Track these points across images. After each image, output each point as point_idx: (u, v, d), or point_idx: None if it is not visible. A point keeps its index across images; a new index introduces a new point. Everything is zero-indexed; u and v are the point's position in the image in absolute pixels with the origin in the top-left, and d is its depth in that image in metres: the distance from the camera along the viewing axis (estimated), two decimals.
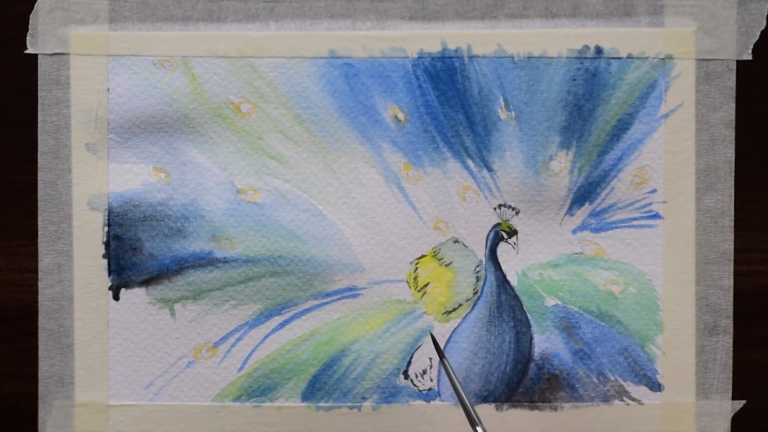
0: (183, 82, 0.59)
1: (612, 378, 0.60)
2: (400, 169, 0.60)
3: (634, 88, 0.59)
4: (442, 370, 0.60)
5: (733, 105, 0.59)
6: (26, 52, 0.59)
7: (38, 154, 0.59)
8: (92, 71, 0.59)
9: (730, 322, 0.59)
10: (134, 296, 0.60)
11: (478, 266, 0.60)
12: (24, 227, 0.60)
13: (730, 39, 0.58)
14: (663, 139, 0.59)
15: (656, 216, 0.59)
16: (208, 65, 0.59)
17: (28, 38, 0.59)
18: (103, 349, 0.60)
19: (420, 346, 0.60)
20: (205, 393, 0.60)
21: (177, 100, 0.59)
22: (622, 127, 0.59)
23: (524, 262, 0.60)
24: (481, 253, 0.60)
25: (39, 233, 0.59)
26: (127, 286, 0.60)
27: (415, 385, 0.60)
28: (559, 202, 0.59)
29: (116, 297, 0.60)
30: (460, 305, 0.60)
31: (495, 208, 0.60)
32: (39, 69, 0.59)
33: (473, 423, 0.53)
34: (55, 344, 0.60)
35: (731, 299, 0.59)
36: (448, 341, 0.60)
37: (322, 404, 0.60)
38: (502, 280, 0.60)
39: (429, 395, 0.60)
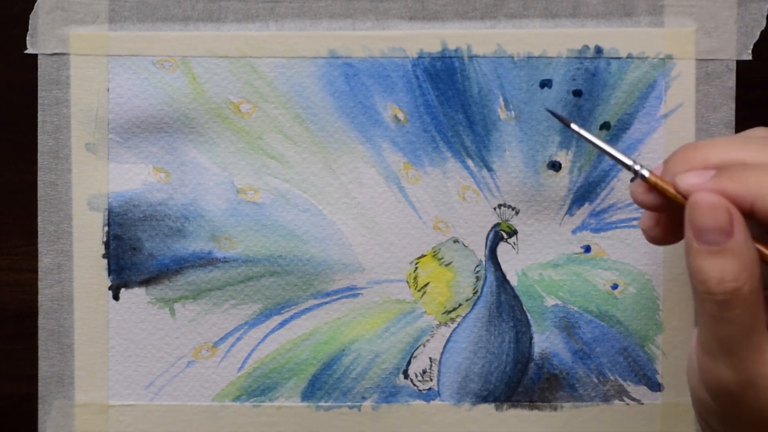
0: (183, 82, 0.59)
1: (612, 378, 0.60)
2: (400, 168, 0.60)
3: (634, 88, 0.59)
4: (442, 370, 0.60)
5: (733, 105, 0.59)
6: (26, 52, 0.59)
7: (38, 154, 0.59)
8: (92, 71, 0.59)
9: None
10: (134, 296, 0.60)
11: (477, 266, 0.60)
12: (24, 227, 0.60)
13: (730, 39, 0.58)
14: (663, 139, 0.59)
15: None
16: (208, 65, 0.59)
17: (28, 38, 0.59)
18: (103, 349, 0.60)
19: (420, 346, 0.60)
20: (205, 393, 0.60)
21: (177, 100, 0.59)
22: (622, 127, 0.59)
23: (524, 262, 0.60)
24: (481, 253, 0.60)
25: (39, 233, 0.59)
26: (127, 286, 0.60)
27: (414, 385, 0.60)
28: (559, 202, 0.60)
29: (116, 297, 0.60)
30: (459, 305, 0.60)
31: (495, 208, 0.60)
32: (39, 69, 0.59)
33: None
34: (55, 344, 0.60)
35: None
36: (447, 341, 0.60)
37: (321, 404, 0.60)
38: (502, 280, 0.60)
39: (429, 395, 0.60)
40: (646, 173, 0.47)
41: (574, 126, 0.50)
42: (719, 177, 0.45)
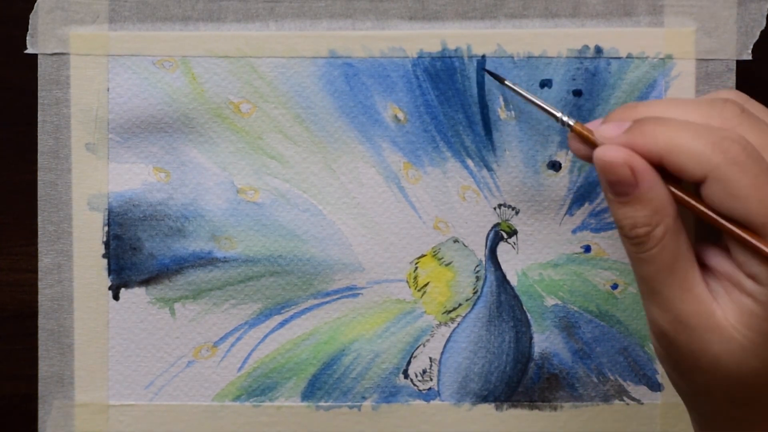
0: (183, 82, 0.59)
1: (612, 378, 0.60)
2: (400, 168, 0.60)
3: (634, 88, 0.59)
4: (442, 370, 0.60)
5: None
6: (26, 52, 0.59)
7: (38, 154, 0.59)
8: (92, 71, 0.59)
9: None
10: (134, 296, 0.60)
11: (477, 266, 0.60)
12: (24, 227, 0.60)
13: (730, 39, 0.58)
14: None
15: None
16: (208, 65, 0.59)
17: (28, 38, 0.59)
18: (103, 349, 0.60)
19: (420, 346, 0.60)
20: (205, 393, 0.60)
21: (177, 100, 0.59)
22: None
23: (524, 262, 0.60)
24: (481, 253, 0.60)
25: (39, 233, 0.59)
26: (127, 285, 0.60)
27: (415, 385, 0.60)
28: (559, 202, 0.60)
29: (116, 297, 0.60)
30: (459, 305, 0.60)
31: (495, 208, 0.60)
32: (39, 69, 0.59)
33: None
34: (55, 344, 0.60)
35: None
36: (447, 341, 0.60)
37: (321, 404, 0.60)
38: (502, 280, 0.60)
39: (429, 395, 0.60)
40: (571, 122, 0.51)
41: (507, 82, 0.56)
42: (631, 130, 0.48)
